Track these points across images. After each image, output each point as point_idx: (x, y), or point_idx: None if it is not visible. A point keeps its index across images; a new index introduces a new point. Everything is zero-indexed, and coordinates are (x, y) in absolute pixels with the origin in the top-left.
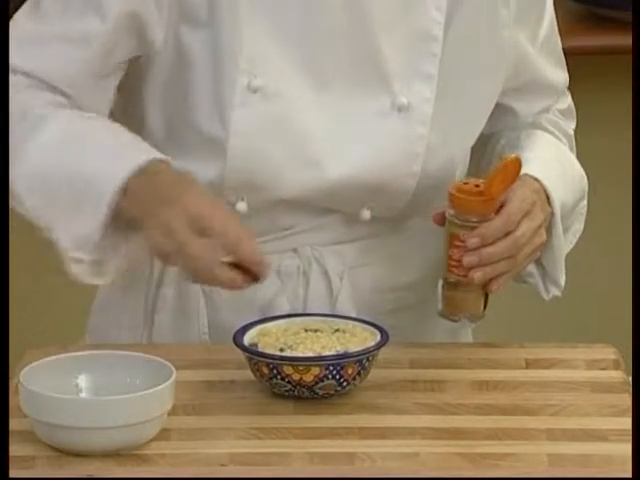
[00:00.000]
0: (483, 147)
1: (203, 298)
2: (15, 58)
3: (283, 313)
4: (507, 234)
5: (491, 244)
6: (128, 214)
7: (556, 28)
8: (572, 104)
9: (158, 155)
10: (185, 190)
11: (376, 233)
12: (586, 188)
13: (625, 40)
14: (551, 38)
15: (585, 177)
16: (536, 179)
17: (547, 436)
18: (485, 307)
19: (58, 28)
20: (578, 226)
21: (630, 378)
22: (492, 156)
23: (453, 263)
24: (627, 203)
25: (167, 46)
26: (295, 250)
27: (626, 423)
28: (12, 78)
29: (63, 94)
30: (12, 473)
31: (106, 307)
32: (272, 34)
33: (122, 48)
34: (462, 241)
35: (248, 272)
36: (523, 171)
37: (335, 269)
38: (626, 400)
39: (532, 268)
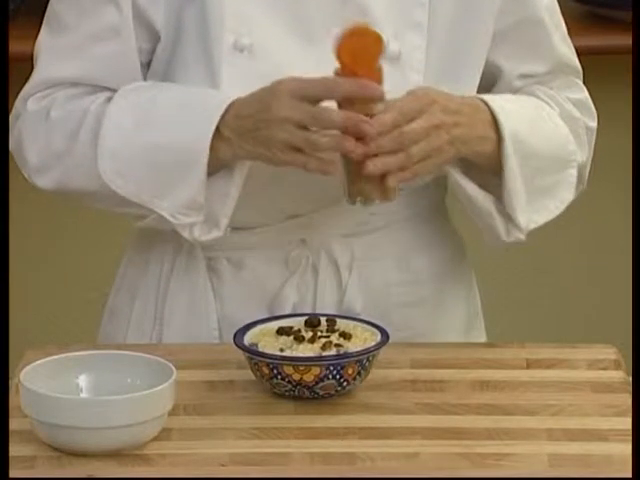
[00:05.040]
0: None
1: (212, 292)
2: (55, 72)
3: (291, 304)
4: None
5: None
6: (231, 137)
7: (557, 8)
8: (589, 100)
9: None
10: (279, 81)
11: (385, 226)
12: (572, 158)
13: (625, 40)
14: (554, 11)
15: (571, 145)
16: (481, 99)
17: (547, 436)
18: (389, 195)
19: (84, 31)
20: (566, 195)
21: (630, 378)
22: None
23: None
24: (627, 203)
25: (168, 25)
26: (304, 241)
27: (626, 423)
28: (58, 92)
29: (112, 91)
30: (12, 473)
31: (116, 310)
32: None
33: (138, 37)
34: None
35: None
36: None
37: (344, 261)
38: (626, 400)
39: (490, 207)
